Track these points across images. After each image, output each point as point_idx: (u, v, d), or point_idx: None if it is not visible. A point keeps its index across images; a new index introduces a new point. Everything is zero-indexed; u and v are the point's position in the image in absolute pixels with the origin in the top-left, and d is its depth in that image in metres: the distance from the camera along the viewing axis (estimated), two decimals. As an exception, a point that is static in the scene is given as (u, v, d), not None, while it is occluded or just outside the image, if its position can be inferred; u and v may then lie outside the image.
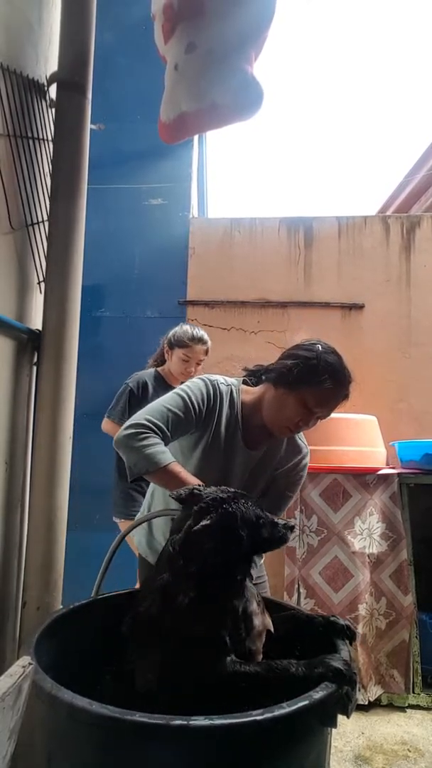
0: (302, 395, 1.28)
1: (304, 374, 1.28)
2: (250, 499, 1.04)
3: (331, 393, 1.28)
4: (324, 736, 0.87)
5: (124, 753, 0.76)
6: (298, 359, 1.30)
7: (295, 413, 1.29)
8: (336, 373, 1.28)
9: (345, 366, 1.30)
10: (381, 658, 2.41)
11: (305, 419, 1.30)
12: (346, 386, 1.30)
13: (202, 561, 0.95)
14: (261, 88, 1.48)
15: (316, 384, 1.27)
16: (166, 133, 1.64)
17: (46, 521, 1.50)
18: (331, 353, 1.31)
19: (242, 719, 0.73)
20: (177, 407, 1.27)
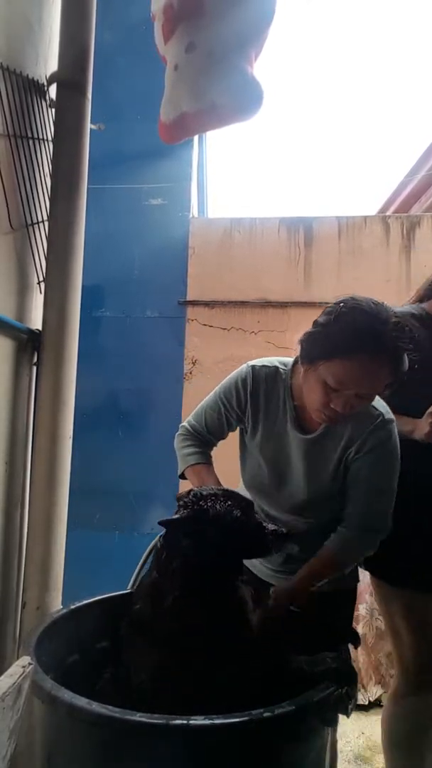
0: (320, 371, 1.06)
1: (319, 344, 1.08)
2: (241, 500, 1.03)
3: (354, 364, 1.02)
4: (324, 735, 0.87)
5: (124, 753, 0.76)
6: (316, 326, 1.12)
7: (319, 395, 1.08)
8: (357, 337, 1.02)
9: (377, 324, 1.03)
10: (381, 658, 2.41)
11: (336, 400, 1.06)
12: (375, 352, 1.01)
13: (182, 557, 0.95)
14: (261, 88, 1.48)
15: (332, 354, 1.05)
16: (166, 133, 1.64)
17: (46, 521, 1.50)
18: (358, 310, 1.06)
19: (242, 718, 0.73)
20: (212, 407, 1.34)
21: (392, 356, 1.03)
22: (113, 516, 2.94)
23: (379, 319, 1.04)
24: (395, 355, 1.04)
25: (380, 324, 1.03)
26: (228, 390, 1.30)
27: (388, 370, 1.04)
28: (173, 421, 3.06)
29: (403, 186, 4.32)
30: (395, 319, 1.06)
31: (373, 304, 1.08)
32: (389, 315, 1.06)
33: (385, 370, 1.04)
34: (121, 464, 3.01)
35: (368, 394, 1.08)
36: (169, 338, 3.15)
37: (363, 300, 1.10)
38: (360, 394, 1.06)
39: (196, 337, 3.14)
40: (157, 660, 0.92)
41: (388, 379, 1.06)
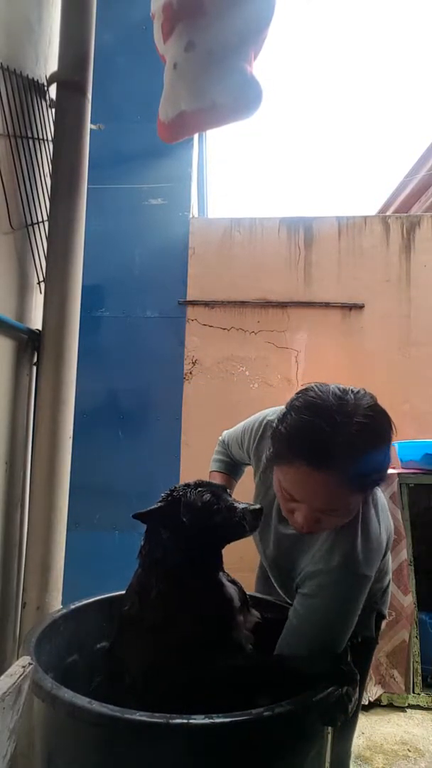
0: (275, 473, 0.94)
1: (273, 440, 0.94)
2: (213, 486, 1.05)
3: (295, 473, 0.86)
4: (324, 735, 0.87)
5: (124, 752, 0.76)
6: (273, 422, 0.97)
7: (280, 500, 0.96)
8: (294, 442, 0.85)
9: (324, 428, 0.82)
10: (381, 658, 2.40)
11: (297, 512, 0.91)
12: (315, 463, 0.83)
13: (162, 549, 0.97)
14: (260, 87, 1.48)
15: (277, 456, 0.91)
16: (165, 133, 1.64)
17: (46, 521, 1.50)
18: (310, 407, 0.86)
19: (242, 717, 0.73)
20: (236, 438, 1.35)
21: (343, 470, 0.83)
22: (113, 516, 2.94)
23: (331, 420, 0.82)
24: (348, 468, 0.82)
25: (329, 426, 0.82)
26: (246, 430, 1.30)
27: (343, 484, 0.84)
28: (173, 421, 3.10)
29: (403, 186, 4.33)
30: (362, 418, 0.83)
31: (336, 398, 0.85)
32: (354, 412, 0.83)
33: (336, 484, 0.84)
34: (121, 464, 3.01)
35: (327, 510, 0.89)
36: (169, 338, 3.15)
37: (324, 392, 0.88)
38: (316, 509, 0.88)
39: (196, 337, 3.14)
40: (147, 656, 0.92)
41: (347, 494, 0.87)
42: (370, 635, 1.17)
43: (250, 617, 1.05)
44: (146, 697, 0.89)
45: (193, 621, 0.93)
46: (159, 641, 0.92)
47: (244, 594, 1.08)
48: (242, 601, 1.04)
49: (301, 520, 0.91)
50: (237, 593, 1.04)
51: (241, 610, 1.03)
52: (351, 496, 0.89)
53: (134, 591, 1.00)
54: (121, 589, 1.21)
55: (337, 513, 0.91)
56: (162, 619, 0.93)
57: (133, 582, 1.02)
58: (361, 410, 0.84)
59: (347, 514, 0.93)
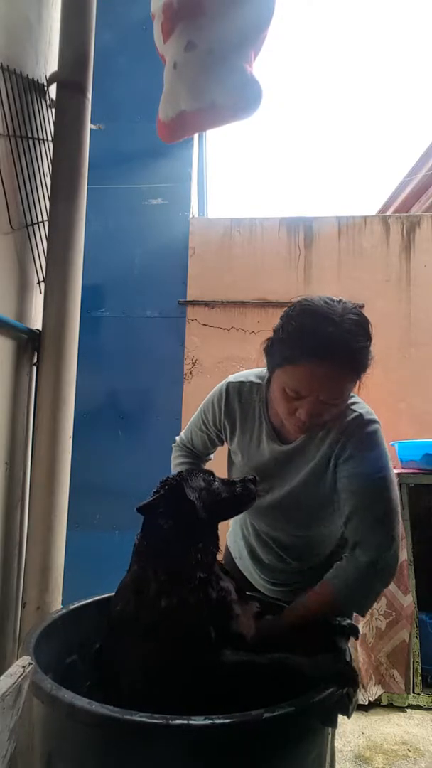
0: (278, 378, 1.04)
1: (272, 351, 1.06)
2: (202, 471, 1.07)
3: (304, 370, 0.98)
4: (324, 735, 0.87)
5: (124, 753, 0.76)
6: (273, 332, 1.08)
7: (282, 404, 1.05)
8: (302, 342, 0.98)
9: (324, 326, 0.96)
10: (381, 658, 2.41)
11: (299, 409, 1.01)
12: (323, 357, 0.96)
13: (164, 540, 0.96)
14: (260, 87, 1.48)
15: (282, 362, 1.02)
16: (165, 132, 1.64)
17: (46, 521, 1.50)
18: (307, 312, 1.01)
19: (242, 719, 0.73)
20: (196, 424, 1.36)
21: (345, 359, 0.98)
22: (113, 516, 2.94)
23: (328, 319, 0.97)
24: (349, 357, 0.98)
25: (329, 325, 0.97)
26: (207, 407, 1.31)
27: (345, 372, 0.99)
28: (173, 421, 3.10)
29: (403, 186, 4.33)
30: (352, 315, 1.00)
31: (326, 304, 1.01)
32: (343, 313, 0.99)
33: (341, 374, 0.99)
34: (121, 464, 3.01)
35: (332, 399, 1.01)
36: (169, 338, 3.15)
37: (315, 300, 1.03)
38: (322, 400, 1.00)
39: (196, 337, 3.14)
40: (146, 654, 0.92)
41: (349, 380, 1.01)
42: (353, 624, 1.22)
43: (248, 608, 1.05)
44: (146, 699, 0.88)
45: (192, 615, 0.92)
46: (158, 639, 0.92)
47: (240, 586, 1.07)
48: (238, 592, 1.04)
49: (304, 415, 1.00)
50: (232, 585, 1.04)
51: (238, 601, 1.02)
52: (351, 382, 1.02)
53: (129, 589, 0.99)
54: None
55: (337, 401, 1.02)
56: (160, 616, 0.92)
57: (127, 580, 1.01)
58: (348, 310, 1.01)
59: (343, 403, 1.05)
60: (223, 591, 0.99)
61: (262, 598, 1.22)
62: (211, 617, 0.93)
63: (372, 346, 1.05)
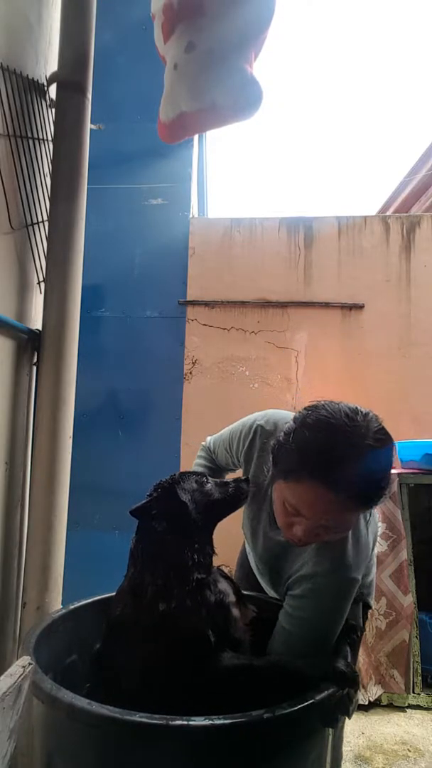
0: (279, 489, 0.94)
1: (278, 458, 0.94)
2: (194, 473, 1.07)
3: (306, 490, 0.86)
4: (325, 736, 0.87)
5: (124, 753, 0.76)
6: (280, 436, 0.94)
7: (281, 515, 0.95)
8: (309, 460, 0.85)
9: (340, 448, 0.83)
10: (381, 658, 2.41)
11: (297, 526, 0.91)
12: (330, 482, 0.83)
13: (160, 543, 0.96)
14: (260, 88, 1.48)
15: (286, 474, 0.90)
16: (165, 133, 1.64)
17: (46, 521, 1.50)
18: (323, 424, 0.86)
19: (242, 719, 0.73)
20: (225, 442, 1.32)
21: (361, 493, 0.85)
22: (113, 516, 2.94)
23: (346, 440, 0.83)
24: (367, 492, 0.85)
25: (345, 447, 0.83)
26: (235, 433, 1.28)
27: (357, 506, 0.87)
28: (173, 421, 3.10)
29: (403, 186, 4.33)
30: (379, 436, 0.85)
31: (348, 419, 0.85)
32: (367, 433, 0.84)
33: (351, 507, 0.87)
34: (121, 464, 3.01)
35: (334, 528, 0.90)
36: (169, 338, 3.15)
37: (336, 411, 0.87)
38: (321, 524, 0.89)
39: (196, 337, 3.14)
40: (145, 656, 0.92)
41: (358, 513, 0.92)
42: (357, 624, 1.19)
43: (246, 611, 1.05)
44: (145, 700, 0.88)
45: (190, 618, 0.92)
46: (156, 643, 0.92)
47: (238, 588, 1.07)
48: (237, 595, 1.04)
49: (300, 534, 0.91)
50: (231, 588, 1.04)
51: (236, 604, 1.02)
52: (357, 514, 0.92)
53: (126, 592, 0.99)
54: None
55: (339, 528, 0.92)
56: (158, 619, 0.92)
57: (124, 584, 1.01)
58: (371, 433, 0.85)
59: (347, 530, 0.95)
60: (221, 593, 0.99)
61: (262, 598, 1.22)
62: (210, 620, 0.92)
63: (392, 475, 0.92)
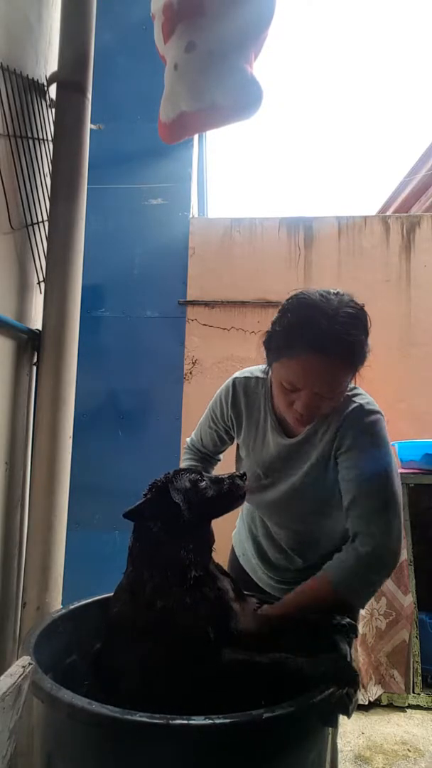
0: (275, 371, 1.06)
1: (269, 345, 1.07)
2: (190, 470, 1.05)
3: (299, 363, 0.99)
4: (325, 735, 0.87)
5: (124, 753, 0.76)
6: (271, 324, 1.08)
7: (280, 397, 1.07)
8: (297, 335, 0.98)
9: (319, 318, 0.97)
10: (381, 658, 2.41)
11: (297, 402, 1.03)
12: (317, 349, 0.97)
13: (155, 543, 0.96)
14: (260, 87, 1.48)
15: (278, 355, 1.03)
16: (165, 133, 1.64)
17: (46, 521, 1.50)
18: (303, 304, 1.01)
19: (243, 718, 0.73)
20: (205, 422, 1.36)
21: (339, 352, 0.98)
22: (113, 516, 2.94)
23: (323, 312, 0.98)
24: (343, 350, 0.98)
25: (323, 318, 0.97)
26: (215, 404, 1.32)
27: (339, 365, 1.00)
28: (173, 421, 3.10)
29: (403, 186, 4.33)
30: (348, 309, 1.00)
31: (321, 297, 1.01)
32: (339, 306, 1.00)
33: (335, 367, 1.00)
34: (121, 464, 3.01)
35: (327, 392, 1.02)
36: (169, 338, 3.15)
37: (311, 293, 1.04)
38: (318, 393, 1.01)
39: (196, 337, 3.14)
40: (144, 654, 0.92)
41: (344, 374, 1.02)
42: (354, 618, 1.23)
43: (247, 606, 1.05)
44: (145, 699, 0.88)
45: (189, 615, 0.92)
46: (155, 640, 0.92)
47: (237, 585, 1.07)
48: (236, 591, 1.04)
49: (301, 408, 1.02)
50: (229, 584, 1.04)
51: (236, 599, 1.02)
52: (346, 375, 1.03)
53: (125, 590, 0.99)
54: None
55: (333, 394, 1.03)
56: (157, 617, 0.92)
57: (123, 582, 1.01)
58: (345, 303, 1.01)
59: (340, 395, 1.06)
60: (220, 590, 0.99)
61: (261, 597, 1.22)
62: (209, 617, 0.93)
63: (369, 339, 1.06)
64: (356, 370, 1.05)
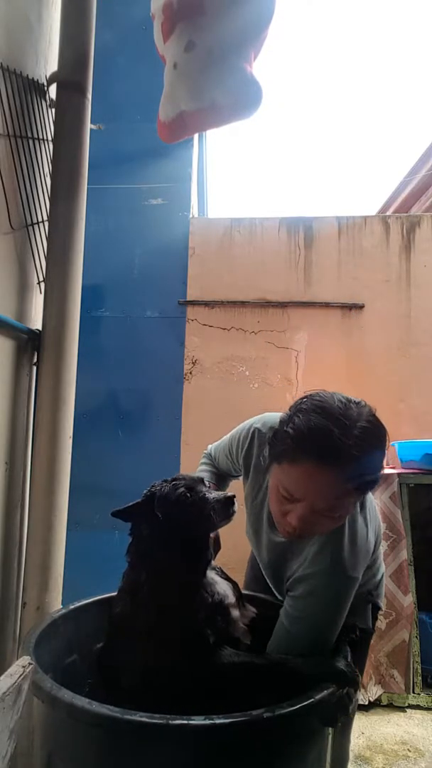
0: (275, 475, 0.97)
1: (273, 443, 0.98)
2: (189, 479, 1.05)
3: (299, 471, 0.90)
4: (325, 736, 0.87)
5: (124, 752, 0.76)
6: (276, 424, 1.00)
7: (274, 503, 0.98)
8: (303, 441, 0.89)
9: (332, 428, 0.87)
10: (381, 658, 2.40)
11: (291, 513, 0.94)
12: (323, 461, 0.88)
13: (146, 544, 0.98)
14: (260, 87, 1.48)
15: (280, 457, 0.94)
16: (165, 133, 1.64)
17: (46, 521, 1.50)
18: (318, 408, 0.91)
19: (242, 719, 0.73)
20: (225, 448, 1.33)
21: (348, 468, 0.87)
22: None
23: (338, 422, 0.88)
24: (353, 466, 0.87)
25: (337, 428, 0.87)
26: (234, 438, 1.29)
27: (345, 483, 0.89)
28: (173, 421, 3.10)
29: (403, 186, 4.33)
30: (366, 423, 0.90)
31: (341, 404, 0.91)
32: (357, 419, 0.90)
33: (340, 483, 0.89)
34: (121, 464, 3.01)
35: (327, 510, 0.92)
36: (169, 338, 3.15)
37: (330, 398, 0.94)
38: (315, 509, 0.91)
39: (196, 337, 3.14)
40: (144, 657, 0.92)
41: (347, 494, 0.91)
42: (366, 627, 1.20)
43: (246, 612, 1.05)
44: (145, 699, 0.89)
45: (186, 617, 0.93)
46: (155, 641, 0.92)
47: (239, 590, 1.08)
48: (237, 596, 1.04)
49: (295, 521, 0.93)
50: (231, 589, 1.04)
51: (236, 605, 1.03)
52: (350, 497, 0.93)
53: (125, 591, 1.00)
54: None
55: (333, 514, 0.94)
56: (156, 618, 0.93)
57: (123, 582, 1.03)
58: (364, 416, 0.91)
59: (342, 517, 0.97)
60: (219, 594, 0.99)
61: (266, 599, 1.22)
62: (208, 620, 0.93)
63: (384, 461, 0.96)
64: (363, 494, 0.97)
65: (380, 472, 0.94)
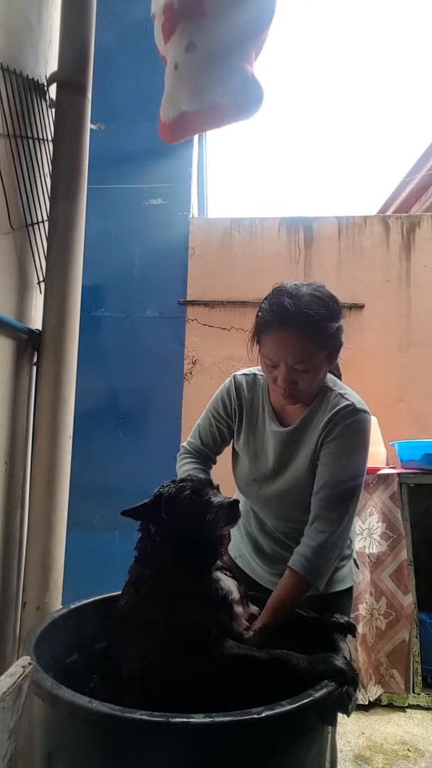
0: (261, 352, 1.18)
1: (255, 328, 1.20)
2: (196, 481, 1.07)
3: (271, 338, 1.12)
4: (324, 734, 0.87)
5: (125, 751, 0.76)
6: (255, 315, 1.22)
7: (265, 373, 1.20)
8: (268, 314, 1.12)
9: (285, 298, 1.10)
10: (381, 658, 2.41)
11: (279, 375, 1.13)
12: (282, 323, 1.09)
13: (152, 542, 1.01)
14: (261, 87, 1.48)
15: (258, 335, 1.17)
16: (166, 133, 1.64)
17: (46, 521, 1.50)
18: (276, 291, 1.16)
19: (242, 717, 0.73)
20: (204, 422, 1.41)
21: (302, 324, 1.08)
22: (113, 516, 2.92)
23: (290, 293, 1.11)
24: (305, 322, 1.08)
25: (289, 297, 1.10)
26: (216, 402, 1.38)
27: (305, 337, 1.10)
28: (173, 421, 3.10)
29: (403, 186, 4.33)
30: (316, 293, 1.11)
31: (293, 285, 1.14)
32: (307, 291, 1.12)
33: (300, 338, 1.09)
34: (121, 464, 3.01)
35: (300, 364, 1.11)
36: (169, 338, 3.15)
37: (286, 282, 1.17)
38: (293, 366, 1.11)
39: (196, 337, 3.14)
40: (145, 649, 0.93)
41: (311, 347, 1.11)
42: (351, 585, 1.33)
43: (250, 610, 1.06)
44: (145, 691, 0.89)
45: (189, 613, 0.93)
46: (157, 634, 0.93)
47: (244, 589, 1.08)
48: (241, 594, 1.05)
49: (280, 380, 1.13)
50: (235, 586, 1.05)
51: (240, 602, 1.03)
52: (315, 349, 1.11)
53: (130, 584, 1.02)
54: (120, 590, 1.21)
55: (307, 368, 1.12)
56: (159, 612, 0.94)
57: (130, 576, 1.04)
58: (311, 288, 1.13)
59: (315, 372, 1.14)
60: (223, 590, 1.00)
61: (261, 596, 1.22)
62: (211, 614, 0.93)
63: (339, 322, 1.15)
64: (326, 347, 1.13)
65: (336, 329, 1.13)
